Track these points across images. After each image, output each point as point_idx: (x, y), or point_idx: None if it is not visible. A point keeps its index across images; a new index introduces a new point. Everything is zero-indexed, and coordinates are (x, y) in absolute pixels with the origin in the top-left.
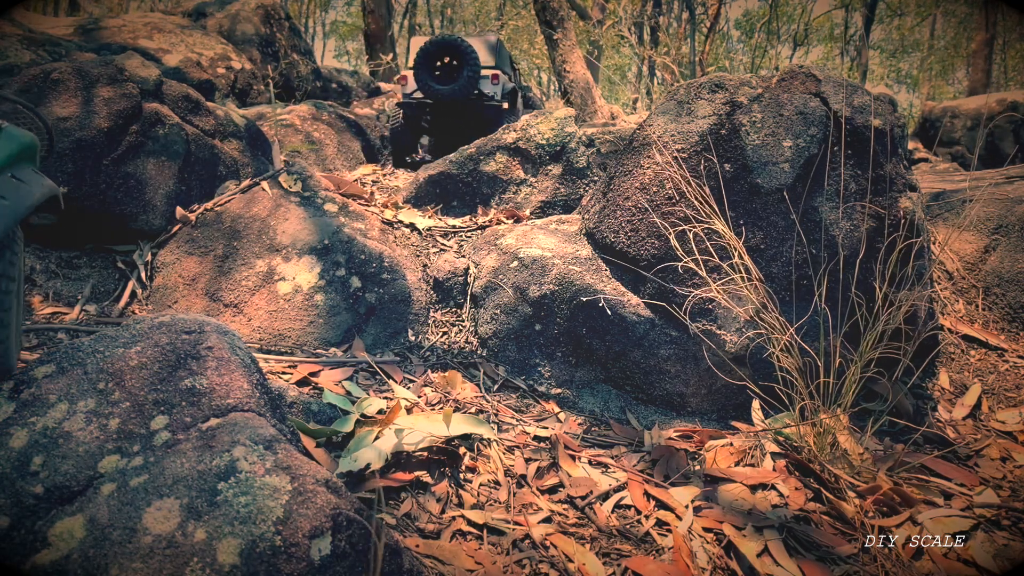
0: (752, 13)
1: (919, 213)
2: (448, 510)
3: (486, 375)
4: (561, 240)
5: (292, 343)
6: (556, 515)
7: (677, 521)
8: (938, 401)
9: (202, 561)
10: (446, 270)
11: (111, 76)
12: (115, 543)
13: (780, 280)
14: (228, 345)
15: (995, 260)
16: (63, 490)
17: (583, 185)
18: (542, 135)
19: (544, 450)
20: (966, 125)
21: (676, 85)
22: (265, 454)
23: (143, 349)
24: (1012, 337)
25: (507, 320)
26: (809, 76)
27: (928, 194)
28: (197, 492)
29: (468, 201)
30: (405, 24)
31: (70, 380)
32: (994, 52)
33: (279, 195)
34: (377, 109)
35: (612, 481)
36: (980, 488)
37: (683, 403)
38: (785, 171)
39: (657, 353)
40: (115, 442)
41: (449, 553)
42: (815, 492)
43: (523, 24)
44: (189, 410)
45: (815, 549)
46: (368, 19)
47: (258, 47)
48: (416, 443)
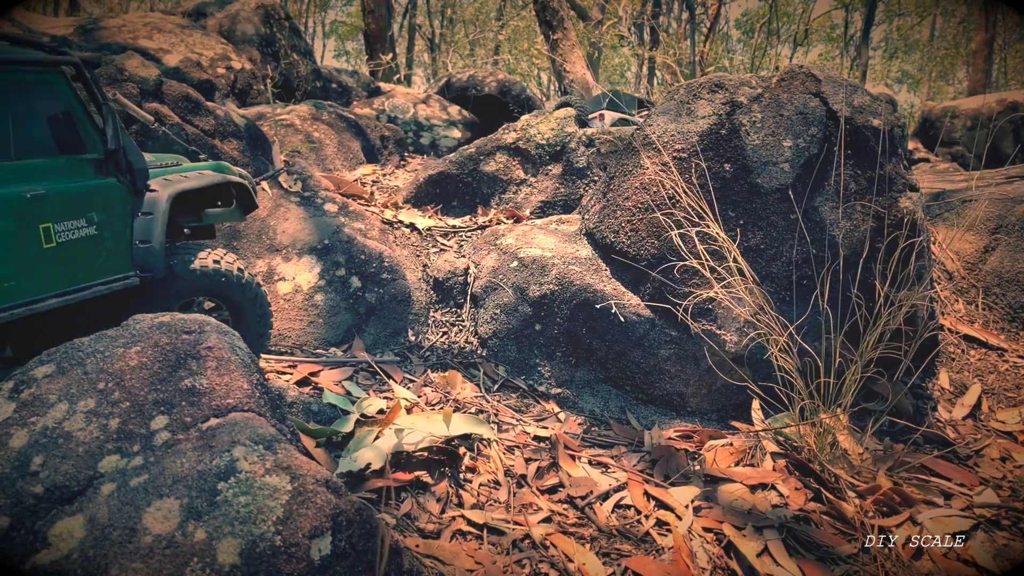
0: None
1: (919, 213)
2: (448, 510)
3: (486, 375)
4: (561, 240)
5: (292, 343)
6: (556, 515)
7: (677, 521)
8: (938, 401)
9: (202, 561)
10: (446, 270)
11: (111, 76)
12: (115, 543)
13: (780, 280)
14: (228, 345)
15: (995, 260)
16: (63, 490)
17: (583, 185)
18: (542, 135)
19: (544, 450)
20: (966, 125)
21: (676, 85)
22: (265, 454)
23: (143, 349)
24: (1012, 337)
25: (507, 320)
26: (809, 76)
27: (928, 194)
28: (197, 492)
29: (468, 201)
30: (405, 24)
31: (70, 380)
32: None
33: (279, 195)
34: (377, 109)
35: (612, 481)
36: (980, 488)
37: (683, 403)
38: (785, 171)
39: (657, 353)
40: (115, 442)
41: (449, 553)
42: (815, 492)
43: (523, 24)
44: (189, 410)
45: (815, 549)
46: (368, 19)
47: (258, 47)
48: (416, 443)
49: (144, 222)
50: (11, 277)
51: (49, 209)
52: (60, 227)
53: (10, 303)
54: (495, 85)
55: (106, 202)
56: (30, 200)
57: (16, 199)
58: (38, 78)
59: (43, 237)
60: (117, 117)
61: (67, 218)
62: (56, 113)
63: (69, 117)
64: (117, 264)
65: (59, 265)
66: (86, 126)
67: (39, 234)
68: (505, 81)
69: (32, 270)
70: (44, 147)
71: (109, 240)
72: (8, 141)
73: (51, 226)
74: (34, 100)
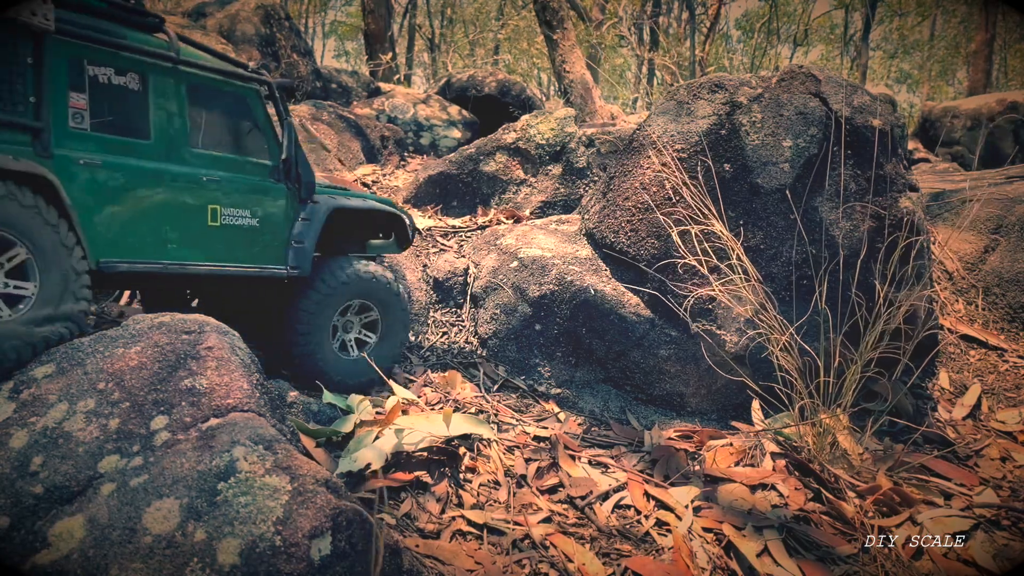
0: (752, 13)
1: (919, 213)
2: (448, 510)
3: (486, 375)
4: (561, 240)
5: None
6: (556, 515)
7: (677, 521)
8: (938, 401)
9: (202, 561)
10: (446, 270)
11: None
12: (115, 543)
13: (780, 280)
14: (228, 345)
15: (995, 260)
16: (63, 490)
17: (583, 185)
18: (542, 135)
19: (544, 450)
20: (966, 125)
21: (676, 85)
22: (265, 454)
23: (143, 349)
24: (1012, 337)
25: (507, 320)
26: (809, 76)
27: (928, 194)
28: (197, 492)
29: (468, 201)
30: (405, 24)
31: (70, 380)
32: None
33: None
34: (377, 109)
35: (612, 481)
36: (980, 488)
37: (683, 403)
38: (785, 171)
39: (657, 353)
40: (115, 442)
41: (449, 553)
42: (815, 492)
43: (523, 24)
44: (189, 410)
45: (815, 549)
46: (368, 19)
47: (258, 47)
48: (416, 443)
49: (303, 226)
50: (177, 240)
51: (219, 194)
52: (226, 212)
53: (173, 260)
54: (495, 85)
55: (272, 202)
56: (204, 182)
57: (193, 178)
58: (238, 89)
59: (210, 216)
60: (295, 132)
61: (234, 206)
62: (245, 121)
63: (255, 126)
64: (272, 256)
65: (219, 242)
66: (268, 136)
67: (207, 212)
68: (505, 81)
69: (196, 240)
70: (229, 145)
71: (267, 234)
72: (199, 133)
73: (218, 208)
74: (230, 106)
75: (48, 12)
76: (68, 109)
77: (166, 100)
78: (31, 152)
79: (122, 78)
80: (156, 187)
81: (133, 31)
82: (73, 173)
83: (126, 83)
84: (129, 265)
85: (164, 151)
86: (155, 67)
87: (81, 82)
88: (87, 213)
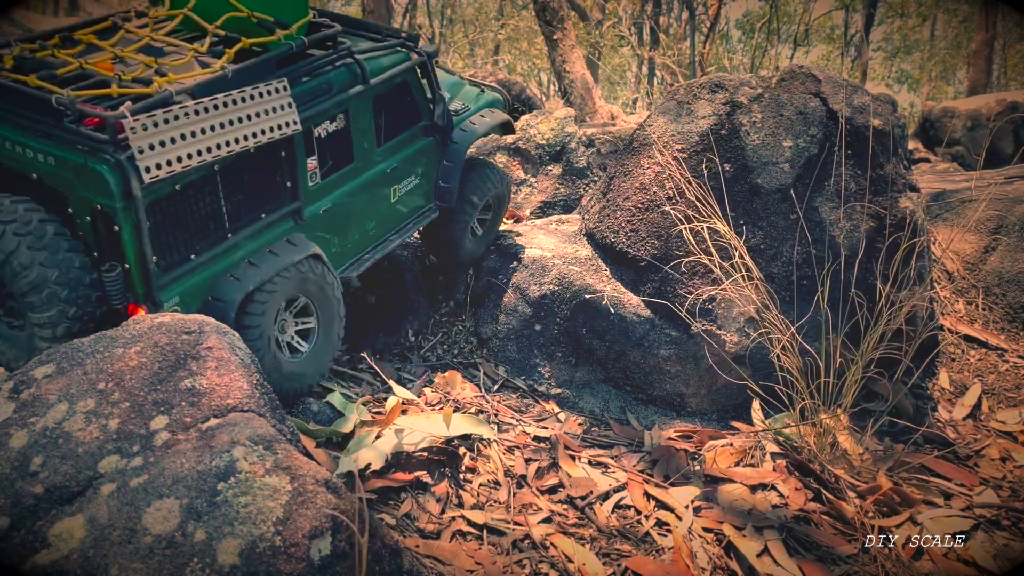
0: (752, 13)
1: (919, 213)
2: (448, 510)
3: (486, 375)
4: (561, 240)
5: None
6: (556, 515)
7: (677, 521)
8: (938, 401)
9: (202, 561)
10: None
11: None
12: (115, 543)
13: (780, 280)
14: (228, 345)
15: (995, 260)
16: (63, 490)
17: (583, 185)
18: (542, 135)
19: (544, 450)
20: (966, 125)
21: (676, 85)
22: (265, 454)
23: (143, 349)
24: (1012, 337)
25: (507, 320)
26: (809, 76)
27: (928, 194)
28: (197, 492)
29: None
30: (405, 24)
31: (70, 380)
32: (994, 52)
33: None
34: None
35: (612, 481)
36: (980, 488)
37: (683, 403)
38: (785, 171)
39: (657, 353)
40: (115, 442)
41: (449, 553)
42: (815, 492)
43: (523, 24)
44: (189, 410)
45: (815, 549)
46: (368, 19)
47: None
48: (416, 443)
49: (447, 168)
50: (373, 227)
51: (396, 176)
52: (400, 186)
53: (370, 247)
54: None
55: (427, 157)
56: (389, 173)
57: (383, 175)
58: (403, 74)
59: (391, 196)
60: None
61: (404, 178)
62: (407, 97)
63: (413, 97)
64: (425, 201)
65: (396, 214)
66: (421, 100)
67: (390, 195)
68: (505, 81)
69: (382, 221)
70: (397, 125)
71: (425, 184)
72: (381, 132)
73: (396, 188)
74: (397, 91)
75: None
76: (307, 174)
77: (361, 122)
78: (293, 225)
79: (333, 124)
80: (360, 197)
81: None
82: (315, 226)
83: (336, 126)
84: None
85: (363, 164)
86: (352, 98)
87: (311, 146)
88: (328, 250)
